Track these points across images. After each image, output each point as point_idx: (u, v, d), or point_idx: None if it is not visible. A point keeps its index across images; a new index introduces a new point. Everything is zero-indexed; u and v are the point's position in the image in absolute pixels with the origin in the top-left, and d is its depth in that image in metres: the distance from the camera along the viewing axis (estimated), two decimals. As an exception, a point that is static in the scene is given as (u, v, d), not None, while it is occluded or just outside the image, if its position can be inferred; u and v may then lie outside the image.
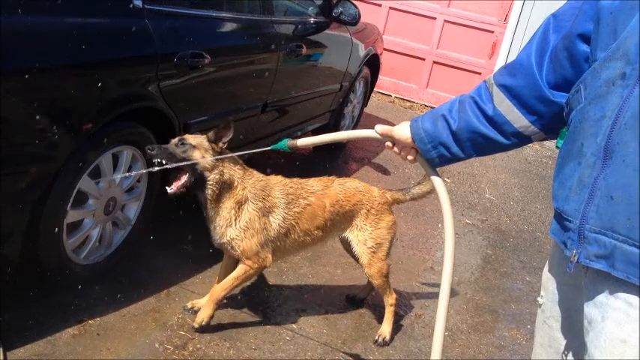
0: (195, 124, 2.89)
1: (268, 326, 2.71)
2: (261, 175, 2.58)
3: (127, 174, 2.59)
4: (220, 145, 2.43)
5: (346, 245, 2.83)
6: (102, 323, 2.45)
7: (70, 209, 2.36)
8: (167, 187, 2.37)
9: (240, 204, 2.44)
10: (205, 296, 2.66)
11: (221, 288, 2.54)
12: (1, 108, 1.89)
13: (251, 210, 2.45)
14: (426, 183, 2.79)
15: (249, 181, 2.48)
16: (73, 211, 2.39)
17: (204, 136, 2.44)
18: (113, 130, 2.44)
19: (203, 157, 2.36)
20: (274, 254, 2.57)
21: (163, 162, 2.30)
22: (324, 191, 2.66)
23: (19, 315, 2.31)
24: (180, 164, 2.34)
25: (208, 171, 2.37)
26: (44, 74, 2.06)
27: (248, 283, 2.93)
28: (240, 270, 2.53)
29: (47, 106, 2.10)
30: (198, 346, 2.46)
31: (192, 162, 2.34)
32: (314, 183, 2.69)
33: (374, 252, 2.68)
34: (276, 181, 2.60)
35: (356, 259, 2.78)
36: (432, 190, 2.80)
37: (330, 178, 2.76)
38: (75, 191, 2.35)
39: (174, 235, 2.89)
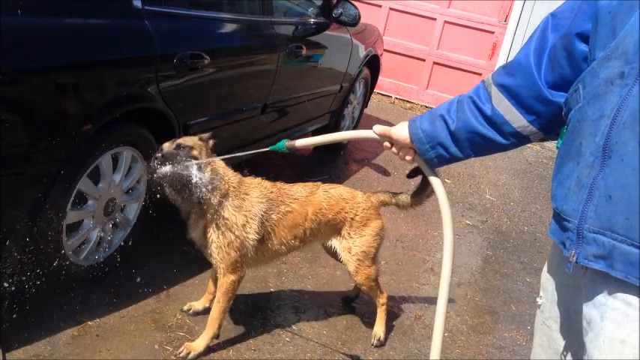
0: (195, 124, 2.89)
1: (268, 327, 2.70)
2: (238, 174, 2.46)
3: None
4: (211, 143, 2.36)
5: (330, 251, 2.72)
6: (101, 324, 2.45)
7: (70, 210, 2.36)
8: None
9: (223, 198, 2.31)
10: (201, 300, 2.68)
11: (213, 320, 2.40)
12: (1, 108, 1.90)
13: (231, 208, 2.32)
14: (408, 195, 2.63)
15: (231, 176, 2.38)
16: (73, 212, 2.39)
17: (196, 137, 2.37)
18: (112, 131, 2.44)
19: (200, 154, 2.31)
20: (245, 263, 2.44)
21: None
22: (307, 198, 2.54)
23: (19, 315, 2.31)
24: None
25: (204, 169, 2.27)
26: (44, 74, 2.07)
27: (247, 284, 2.93)
28: (219, 291, 2.40)
29: (47, 106, 2.11)
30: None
31: (199, 161, 2.26)
32: (299, 189, 2.57)
33: (360, 260, 2.60)
34: (255, 182, 2.48)
35: (340, 261, 2.68)
36: (412, 205, 2.64)
37: (316, 184, 2.65)
38: (74, 192, 2.35)
39: (174, 235, 2.89)
